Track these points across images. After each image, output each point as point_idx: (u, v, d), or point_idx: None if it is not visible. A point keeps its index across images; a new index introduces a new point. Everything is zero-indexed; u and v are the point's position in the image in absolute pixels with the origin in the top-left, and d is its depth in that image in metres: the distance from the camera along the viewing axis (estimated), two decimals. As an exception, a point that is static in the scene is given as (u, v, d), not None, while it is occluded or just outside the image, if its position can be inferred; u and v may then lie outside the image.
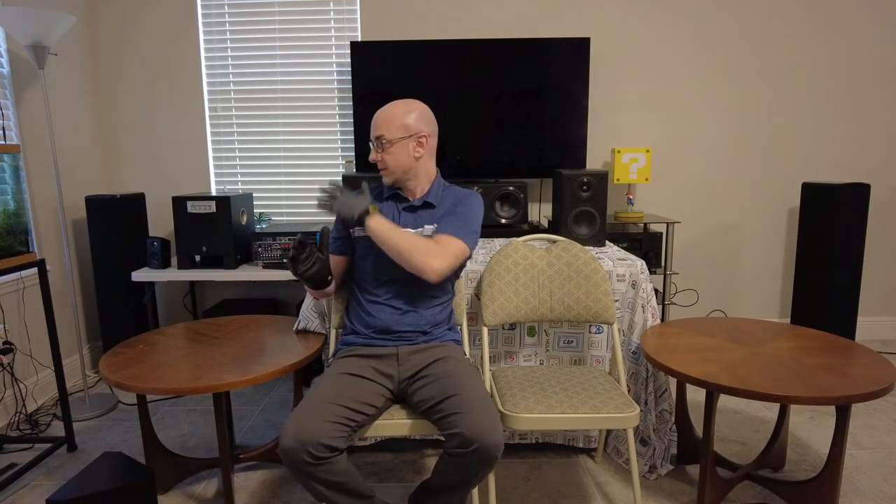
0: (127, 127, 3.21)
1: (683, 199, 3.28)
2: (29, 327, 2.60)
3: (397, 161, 1.65)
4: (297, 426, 1.36)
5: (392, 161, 1.65)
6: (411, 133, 1.64)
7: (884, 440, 2.22)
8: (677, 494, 1.89)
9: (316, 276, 1.62)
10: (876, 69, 3.14)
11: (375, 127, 1.64)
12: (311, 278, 1.62)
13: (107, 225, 2.76)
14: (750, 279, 3.36)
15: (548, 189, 3.24)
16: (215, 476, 2.04)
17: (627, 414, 1.59)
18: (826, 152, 3.23)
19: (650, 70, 3.15)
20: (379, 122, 1.64)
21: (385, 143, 1.63)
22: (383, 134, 1.63)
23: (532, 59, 2.92)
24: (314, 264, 1.60)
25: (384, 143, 1.63)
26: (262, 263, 2.78)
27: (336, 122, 3.20)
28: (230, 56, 3.15)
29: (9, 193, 2.36)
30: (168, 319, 3.38)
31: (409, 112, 1.64)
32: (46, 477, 2.04)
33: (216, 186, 3.29)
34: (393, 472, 2.03)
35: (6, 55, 2.53)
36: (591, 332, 2.08)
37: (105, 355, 1.80)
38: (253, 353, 1.79)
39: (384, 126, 1.63)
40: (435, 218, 1.70)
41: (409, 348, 1.65)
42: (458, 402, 1.42)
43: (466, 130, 2.99)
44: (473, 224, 1.66)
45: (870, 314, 3.38)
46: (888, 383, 1.48)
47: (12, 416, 2.48)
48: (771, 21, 3.11)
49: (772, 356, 1.69)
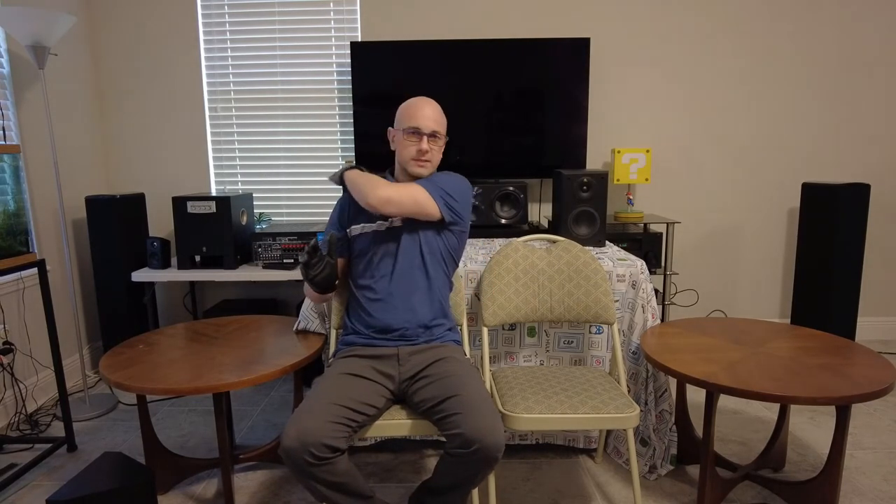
0: (127, 127, 3.21)
1: (683, 199, 3.28)
2: (29, 327, 2.60)
3: (437, 158, 1.72)
4: (298, 426, 1.36)
5: (436, 156, 1.71)
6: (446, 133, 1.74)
7: (884, 440, 2.22)
8: (677, 495, 1.89)
9: (325, 281, 1.65)
10: (876, 69, 3.14)
11: (432, 120, 1.66)
12: (320, 283, 1.64)
13: (107, 225, 2.76)
14: (750, 279, 3.36)
15: (548, 189, 3.24)
16: (215, 476, 2.04)
17: (627, 414, 1.59)
18: (826, 152, 3.23)
19: (650, 70, 3.15)
20: (435, 116, 1.67)
21: (438, 137, 1.69)
22: (439, 130, 1.68)
23: (532, 59, 2.92)
24: (324, 269, 1.63)
25: (437, 137, 1.68)
26: (262, 263, 2.78)
27: (336, 122, 3.20)
28: (230, 56, 3.15)
29: (9, 193, 2.36)
30: (168, 319, 3.38)
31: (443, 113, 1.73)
32: (46, 477, 2.04)
33: (216, 186, 3.29)
34: (393, 473, 2.03)
35: (6, 55, 2.53)
36: (592, 333, 2.08)
37: (105, 355, 1.80)
38: (253, 353, 1.78)
39: (439, 121, 1.69)
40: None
41: (409, 348, 1.65)
42: (458, 403, 1.42)
43: (466, 130, 2.99)
44: (445, 186, 1.68)
45: (870, 314, 3.37)
46: (888, 383, 1.48)
47: (12, 416, 2.48)
48: (771, 21, 3.10)
49: (772, 356, 1.69)
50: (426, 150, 1.66)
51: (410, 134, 1.66)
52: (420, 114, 1.66)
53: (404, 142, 1.68)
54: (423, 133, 1.65)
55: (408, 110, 1.68)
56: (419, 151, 1.66)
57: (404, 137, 1.68)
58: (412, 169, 1.69)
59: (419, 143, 1.65)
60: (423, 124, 1.65)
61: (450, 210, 1.66)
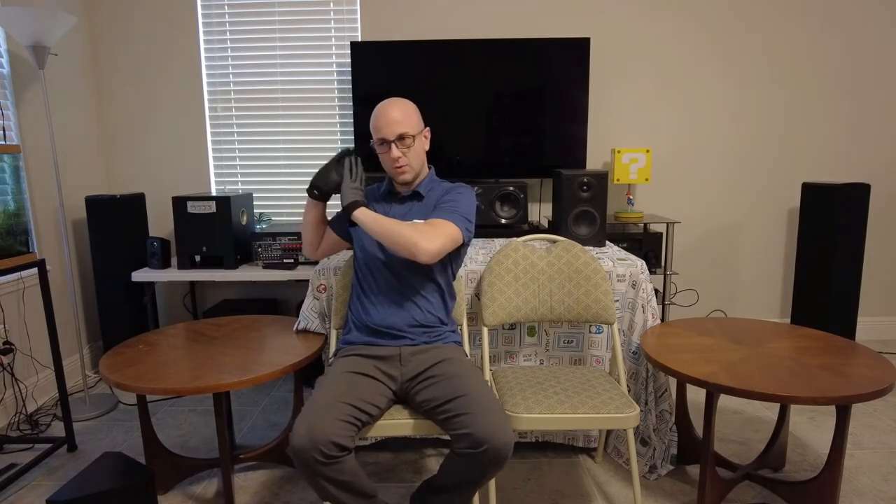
0: (127, 127, 3.21)
1: (683, 199, 3.28)
2: (29, 327, 2.60)
3: (418, 156, 1.68)
4: (308, 424, 1.36)
5: (414, 157, 1.67)
6: (422, 127, 1.69)
7: (884, 440, 2.22)
8: (677, 494, 1.89)
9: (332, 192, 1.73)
10: (876, 69, 3.14)
11: (395, 124, 1.62)
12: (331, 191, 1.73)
13: (107, 225, 2.76)
14: (750, 279, 3.36)
15: (548, 189, 3.24)
16: (215, 476, 2.04)
17: (627, 414, 1.59)
18: (826, 152, 3.23)
19: (650, 70, 3.15)
20: (398, 119, 1.62)
21: (407, 139, 1.64)
22: (406, 131, 1.63)
23: (532, 58, 2.92)
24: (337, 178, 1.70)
25: (406, 139, 1.64)
26: (262, 263, 2.78)
27: (336, 122, 3.20)
28: (230, 56, 3.15)
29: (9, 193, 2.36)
30: (168, 319, 3.38)
31: (413, 107, 1.67)
32: (46, 477, 2.04)
33: (216, 186, 3.29)
34: (393, 472, 2.03)
35: (6, 55, 2.53)
36: (592, 332, 2.08)
37: (105, 355, 1.80)
38: (253, 353, 1.78)
39: (404, 123, 1.63)
40: (426, 211, 1.71)
41: (411, 349, 1.65)
42: (466, 403, 1.42)
43: (466, 130, 2.99)
44: (464, 211, 1.65)
45: (870, 314, 3.37)
46: (888, 383, 1.48)
47: (12, 416, 2.48)
48: (771, 21, 3.10)
49: (772, 356, 1.69)
50: (397, 157, 1.64)
51: (380, 145, 1.66)
52: (382, 122, 1.63)
53: (379, 153, 1.68)
54: (389, 140, 1.63)
55: (374, 121, 1.65)
56: (391, 160, 1.65)
57: (378, 149, 1.67)
58: (396, 178, 1.70)
59: (389, 152, 1.64)
60: (386, 133, 1.63)
61: (469, 233, 1.68)
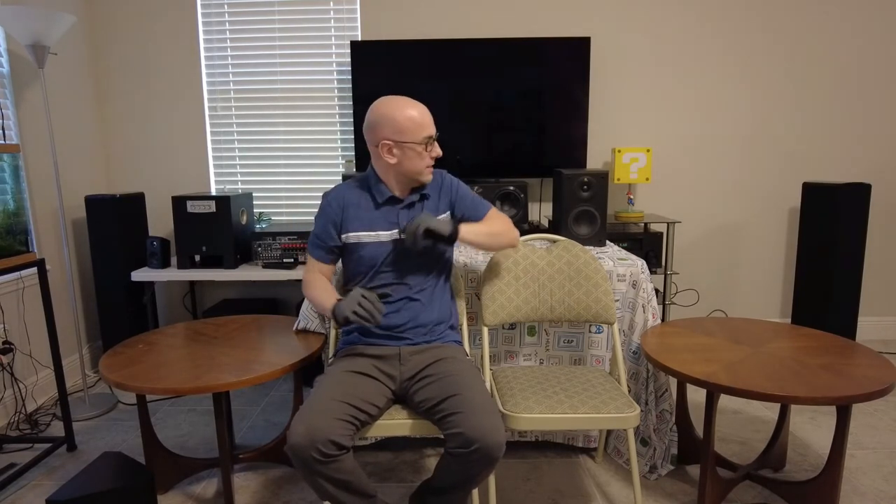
0: (127, 127, 3.21)
1: (683, 199, 3.28)
2: (29, 327, 2.60)
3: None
4: (306, 423, 1.36)
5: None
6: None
7: (884, 440, 2.22)
8: (678, 494, 1.89)
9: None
10: (876, 69, 3.14)
11: (429, 126, 1.61)
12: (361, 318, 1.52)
13: (107, 225, 2.76)
14: (750, 279, 3.35)
15: (548, 189, 3.23)
16: (215, 476, 2.04)
17: (628, 414, 1.58)
18: (826, 152, 3.23)
19: (650, 70, 3.15)
20: (430, 120, 1.62)
21: (436, 140, 1.65)
22: (434, 132, 1.64)
23: (532, 58, 2.92)
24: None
25: (435, 140, 1.65)
26: (262, 263, 2.78)
27: (336, 122, 3.20)
28: (230, 56, 3.15)
29: (9, 193, 2.35)
30: (168, 319, 3.38)
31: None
32: (46, 477, 2.04)
33: (216, 186, 3.29)
34: (393, 472, 2.03)
35: (6, 55, 2.53)
36: (592, 332, 2.08)
37: (105, 355, 1.80)
38: (253, 353, 1.78)
39: (433, 124, 1.64)
40: (433, 206, 1.71)
41: (410, 348, 1.65)
42: (459, 402, 1.42)
43: (467, 130, 2.99)
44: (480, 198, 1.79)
45: (870, 314, 3.37)
46: (889, 383, 1.48)
47: (12, 415, 2.48)
48: (771, 21, 3.10)
49: (772, 356, 1.69)
50: (437, 155, 1.65)
51: (421, 144, 1.60)
52: (426, 120, 1.61)
53: (418, 151, 1.61)
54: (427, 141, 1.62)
55: (410, 121, 1.58)
56: (430, 159, 1.64)
57: (415, 148, 1.60)
58: (426, 177, 1.66)
59: (432, 151, 1.63)
60: (431, 130, 1.63)
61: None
